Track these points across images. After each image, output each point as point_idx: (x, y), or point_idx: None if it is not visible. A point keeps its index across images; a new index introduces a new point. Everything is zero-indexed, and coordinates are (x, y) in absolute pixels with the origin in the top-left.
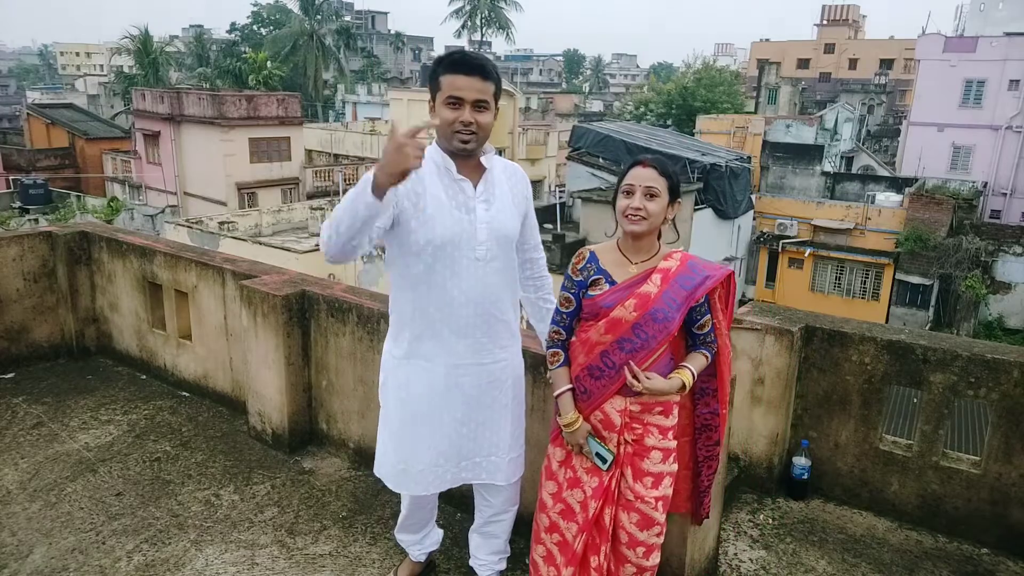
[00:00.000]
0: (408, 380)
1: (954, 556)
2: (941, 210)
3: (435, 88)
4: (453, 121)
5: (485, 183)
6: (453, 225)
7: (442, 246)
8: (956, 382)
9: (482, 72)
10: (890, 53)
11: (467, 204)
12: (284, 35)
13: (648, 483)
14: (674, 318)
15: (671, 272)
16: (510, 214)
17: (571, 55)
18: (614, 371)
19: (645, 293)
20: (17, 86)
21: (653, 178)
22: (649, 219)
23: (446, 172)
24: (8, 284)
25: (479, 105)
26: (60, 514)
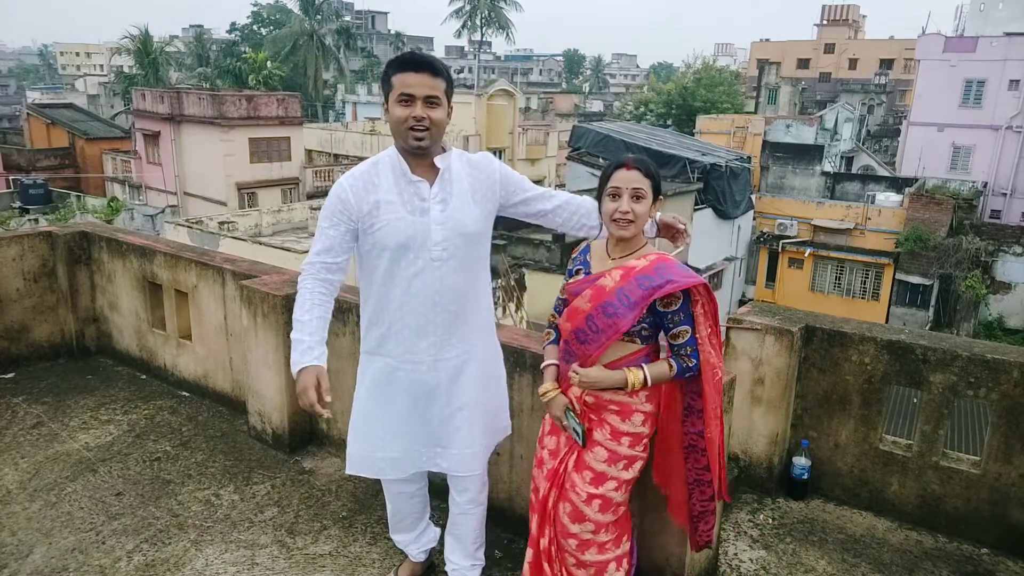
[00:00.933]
0: (374, 375)
1: (954, 556)
2: (941, 210)
3: (387, 89)
4: (405, 118)
5: (442, 182)
6: (407, 228)
7: (397, 249)
8: (956, 382)
9: (431, 68)
10: (890, 53)
11: (421, 206)
12: (284, 35)
13: (586, 477)
14: (625, 315)
15: (635, 270)
16: (469, 211)
17: (571, 55)
18: (574, 359)
19: (601, 286)
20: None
21: (639, 180)
22: (636, 221)
23: (402, 175)
24: (8, 284)
25: (430, 101)
26: (60, 514)
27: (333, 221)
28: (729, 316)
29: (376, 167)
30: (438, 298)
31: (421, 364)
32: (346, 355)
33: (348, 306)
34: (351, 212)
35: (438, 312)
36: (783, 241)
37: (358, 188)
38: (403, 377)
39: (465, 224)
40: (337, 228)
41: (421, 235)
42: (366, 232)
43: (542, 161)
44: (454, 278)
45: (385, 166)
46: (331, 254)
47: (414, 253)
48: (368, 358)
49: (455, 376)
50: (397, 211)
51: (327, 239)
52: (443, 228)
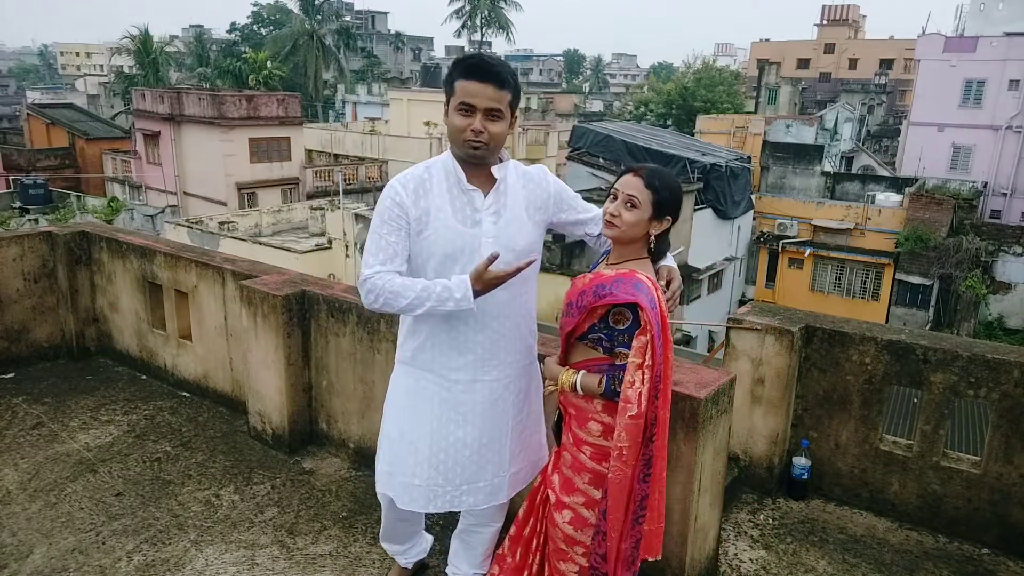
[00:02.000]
0: (406, 387)
1: (954, 556)
2: (941, 210)
3: (449, 92)
4: (464, 128)
5: (496, 193)
6: (455, 239)
7: (444, 260)
8: (956, 382)
9: (497, 80)
10: (890, 53)
11: (473, 216)
12: (284, 35)
13: (558, 480)
14: (573, 318)
15: (601, 277)
16: (521, 226)
17: (571, 55)
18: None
19: (573, 285)
20: (17, 86)
21: (636, 187)
22: (621, 228)
23: (456, 182)
24: (8, 284)
25: (491, 114)
26: (60, 514)
27: (393, 226)
28: (729, 316)
29: (429, 171)
30: (482, 315)
31: (457, 383)
32: (346, 355)
33: (348, 306)
34: (405, 215)
35: (480, 330)
36: (783, 241)
37: (411, 190)
38: (436, 394)
39: (516, 239)
40: (399, 233)
41: (470, 247)
42: (415, 236)
43: (542, 161)
44: (500, 295)
45: (439, 171)
46: (396, 262)
47: (461, 265)
48: (403, 368)
49: (493, 401)
50: (448, 219)
51: (389, 247)
52: (494, 242)
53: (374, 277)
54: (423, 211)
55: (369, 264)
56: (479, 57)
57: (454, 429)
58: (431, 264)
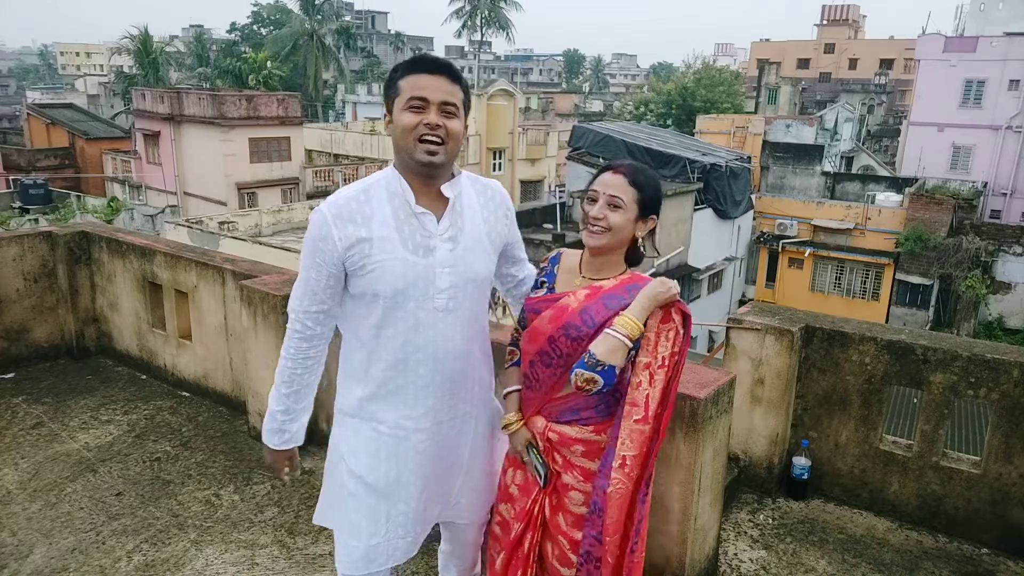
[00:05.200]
0: (355, 444)
1: (954, 556)
2: (941, 210)
3: (392, 94)
4: (415, 125)
5: (451, 215)
6: (406, 272)
7: (393, 297)
8: (956, 382)
9: (449, 72)
10: (890, 53)
11: (426, 244)
12: (284, 35)
13: (568, 520)
14: (588, 338)
15: (602, 289)
16: (481, 252)
17: (571, 55)
18: (538, 384)
19: (564, 306)
20: (17, 86)
21: (619, 186)
22: (610, 232)
23: (403, 204)
24: (8, 284)
25: (447, 108)
26: (60, 514)
27: (314, 261)
28: (729, 316)
29: (368, 193)
30: (442, 355)
31: (418, 432)
32: None
33: None
34: (334, 251)
35: (439, 372)
36: (783, 241)
37: (343, 219)
38: (393, 449)
39: (475, 268)
40: (320, 270)
41: (424, 280)
42: (353, 275)
43: (542, 161)
44: (460, 332)
45: (380, 192)
46: (315, 300)
47: (415, 302)
48: (346, 420)
49: (457, 436)
50: (395, 250)
51: (309, 282)
52: (452, 272)
53: (292, 322)
54: (362, 241)
55: (293, 296)
56: (425, 54)
57: (410, 481)
58: (379, 304)
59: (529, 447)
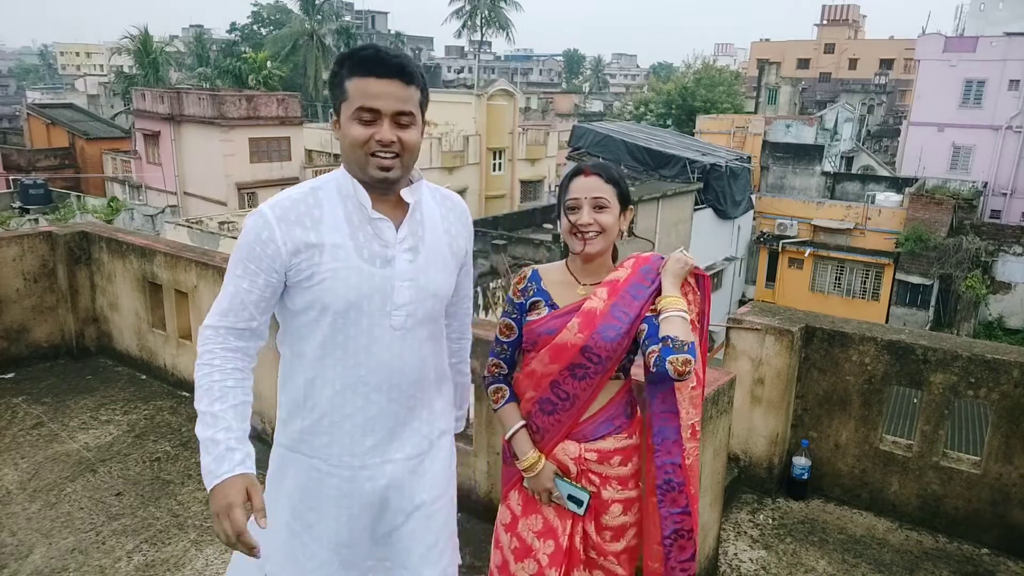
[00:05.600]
0: (294, 483)
1: (954, 556)
2: (941, 210)
3: (339, 96)
4: (366, 140)
5: (411, 223)
6: (361, 283)
7: (344, 312)
8: (956, 382)
9: (402, 73)
10: (890, 53)
11: (383, 254)
12: (284, 35)
13: (607, 536)
14: (627, 334)
15: (620, 282)
16: (443, 265)
17: (571, 55)
18: (568, 402)
19: (590, 310)
20: (17, 86)
21: (599, 187)
22: (603, 234)
23: (357, 208)
24: (8, 284)
25: (401, 119)
26: (60, 514)
27: (248, 268)
28: (729, 316)
29: (316, 195)
30: (397, 380)
31: (364, 469)
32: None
33: None
34: (277, 256)
35: (394, 399)
36: (783, 241)
37: (289, 221)
38: (336, 488)
39: (438, 282)
40: (254, 279)
41: (381, 293)
42: (298, 285)
43: (542, 161)
44: (417, 353)
45: (331, 194)
46: (243, 315)
47: (368, 318)
48: (286, 455)
49: (411, 473)
50: (348, 257)
51: (238, 293)
52: (411, 286)
53: (209, 337)
54: (310, 248)
55: (213, 311)
56: (374, 48)
57: (355, 523)
58: (327, 319)
59: (559, 479)
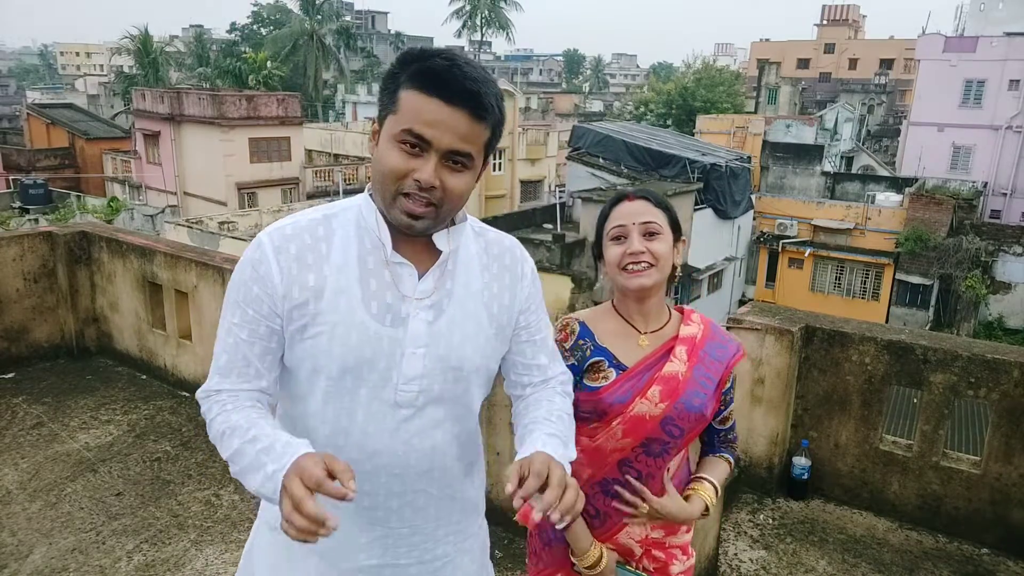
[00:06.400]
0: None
1: (954, 556)
2: (941, 210)
3: (387, 104)
4: (403, 175)
5: (440, 273)
6: (363, 344)
7: (339, 378)
8: (956, 382)
9: (476, 104)
10: (890, 53)
11: (396, 309)
12: (284, 35)
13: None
14: (711, 402)
15: (697, 340)
16: (475, 330)
17: (571, 55)
18: (640, 483)
19: (671, 375)
20: (17, 86)
21: (648, 211)
22: (658, 264)
23: (375, 248)
24: (8, 284)
25: (455, 159)
26: (60, 514)
27: (246, 314)
28: (729, 316)
29: (329, 225)
30: (400, 471)
31: (360, 571)
32: None
33: None
34: (275, 296)
35: (395, 494)
36: (783, 241)
37: (288, 255)
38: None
39: (464, 353)
40: (255, 327)
41: (386, 359)
42: (292, 337)
43: (542, 161)
44: (430, 439)
45: (346, 225)
46: (247, 373)
47: (369, 389)
48: (272, 539)
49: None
50: (354, 308)
51: (238, 346)
52: (426, 354)
53: (211, 399)
54: (311, 291)
55: (212, 375)
56: (450, 59)
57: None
58: (318, 383)
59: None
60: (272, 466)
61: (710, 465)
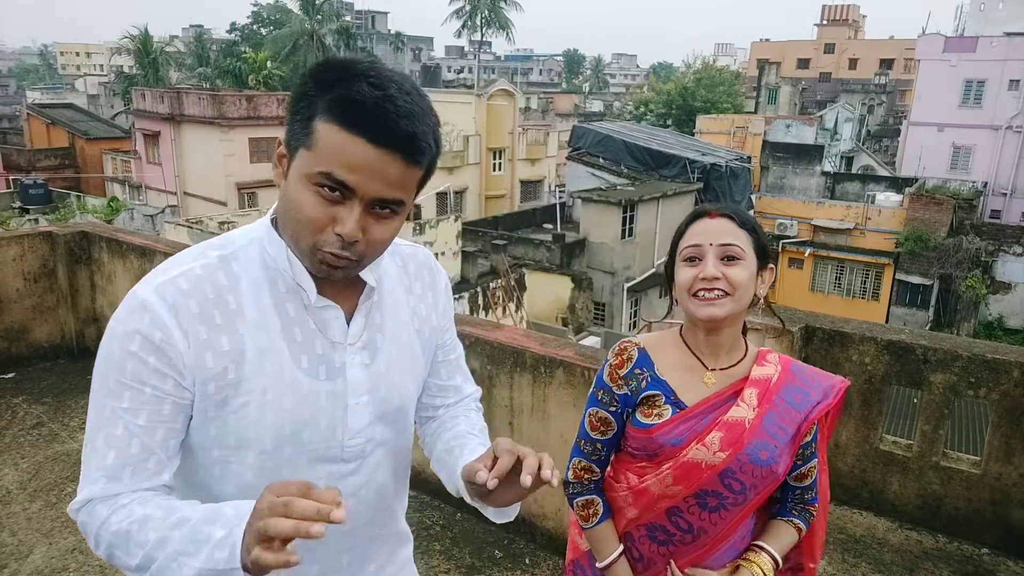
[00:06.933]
0: None
1: (954, 556)
2: (941, 210)
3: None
4: (321, 226)
5: (367, 310)
6: (301, 407)
7: (278, 446)
8: (956, 382)
9: (409, 148)
10: (890, 53)
11: (328, 358)
12: (284, 35)
13: None
14: (783, 457)
15: (771, 384)
16: (411, 362)
17: (571, 55)
18: (690, 535)
19: (736, 421)
20: (17, 86)
21: (731, 232)
22: (735, 294)
23: (291, 292)
24: (8, 284)
25: (382, 207)
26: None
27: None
28: None
29: (230, 269)
30: (352, 524)
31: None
32: None
33: None
34: (181, 365)
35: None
36: (783, 241)
37: (190, 315)
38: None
39: (405, 390)
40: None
41: (328, 418)
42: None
43: (542, 161)
44: (380, 479)
45: (251, 267)
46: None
47: (310, 454)
48: None
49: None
50: (281, 368)
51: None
52: (371, 401)
53: (91, 507)
54: (227, 357)
55: (86, 477)
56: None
57: None
58: (246, 460)
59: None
60: (221, 531)
61: (774, 531)
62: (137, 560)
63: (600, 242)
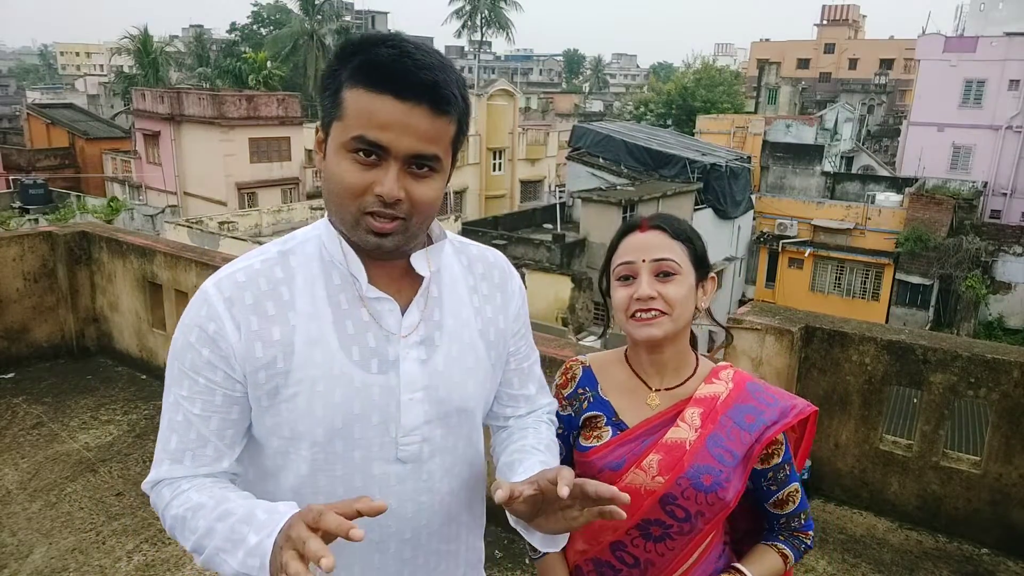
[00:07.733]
0: None
1: (954, 556)
2: (941, 210)
3: (330, 109)
4: (361, 191)
5: (425, 303)
6: (351, 400)
7: (327, 444)
8: (956, 382)
9: (434, 96)
10: (890, 53)
11: (383, 352)
12: (284, 35)
13: None
14: (731, 482)
15: (718, 403)
16: (474, 362)
17: (571, 55)
18: (638, 570)
19: (676, 443)
20: (17, 86)
21: (664, 246)
22: (672, 313)
23: (347, 283)
24: (8, 284)
25: (419, 164)
26: (60, 514)
27: (196, 384)
28: (729, 316)
29: (287, 263)
30: (410, 533)
31: None
32: None
33: None
34: (233, 357)
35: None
36: (783, 241)
37: (244, 307)
38: None
39: (465, 391)
40: (209, 398)
41: (381, 413)
42: (257, 403)
43: (542, 161)
44: (440, 493)
45: (308, 261)
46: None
47: (363, 450)
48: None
49: None
50: (330, 361)
51: (190, 423)
52: (426, 398)
53: (162, 485)
54: (277, 347)
55: (157, 463)
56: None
57: None
58: (301, 454)
59: None
60: (254, 537)
61: (755, 556)
62: (191, 544)
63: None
